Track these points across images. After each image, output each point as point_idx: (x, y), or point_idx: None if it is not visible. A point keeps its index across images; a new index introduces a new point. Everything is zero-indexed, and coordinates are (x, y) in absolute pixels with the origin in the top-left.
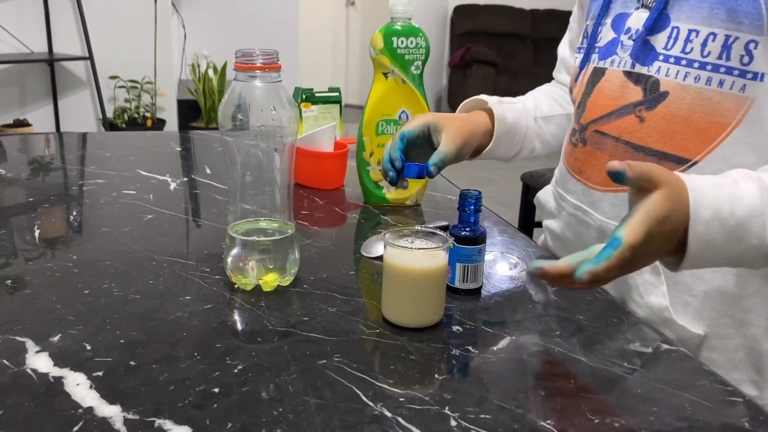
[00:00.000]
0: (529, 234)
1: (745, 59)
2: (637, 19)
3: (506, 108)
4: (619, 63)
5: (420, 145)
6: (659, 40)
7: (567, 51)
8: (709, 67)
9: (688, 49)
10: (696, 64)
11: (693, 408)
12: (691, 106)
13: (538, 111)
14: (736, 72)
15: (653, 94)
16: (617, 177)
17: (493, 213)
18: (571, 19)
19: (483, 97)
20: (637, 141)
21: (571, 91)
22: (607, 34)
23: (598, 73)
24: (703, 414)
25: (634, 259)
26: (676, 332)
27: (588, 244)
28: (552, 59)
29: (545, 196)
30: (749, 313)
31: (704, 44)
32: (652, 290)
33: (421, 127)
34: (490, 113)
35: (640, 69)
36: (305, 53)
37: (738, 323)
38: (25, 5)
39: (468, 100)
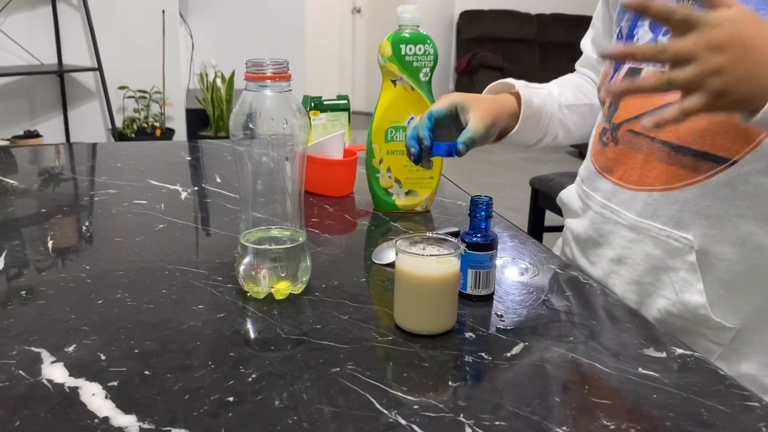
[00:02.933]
0: (539, 239)
1: None
2: None
3: (533, 92)
4: (656, 63)
5: (446, 126)
6: None
7: (589, 47)
8: None
9: None
10: None
11: (709, 413)
12: None
13: (563, 98)
14: None
15: None
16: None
17: (503, 218)
18: (594, 15)
19: (510, 80)
20: (674, 140)
21: (599, 90)
22: (644, 36)
23: (634, 73)
24: (720, 419)
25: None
26: (710, 327)
27: (613, 244)
28: (558, 63)
29: (568, 195)
30: None
31: None
32: (687, 288)
33: (449, 107)
34: (516, 96)
35: None
36: (312, 61)
37: None
38: (35, 18)
39: (495, 83)
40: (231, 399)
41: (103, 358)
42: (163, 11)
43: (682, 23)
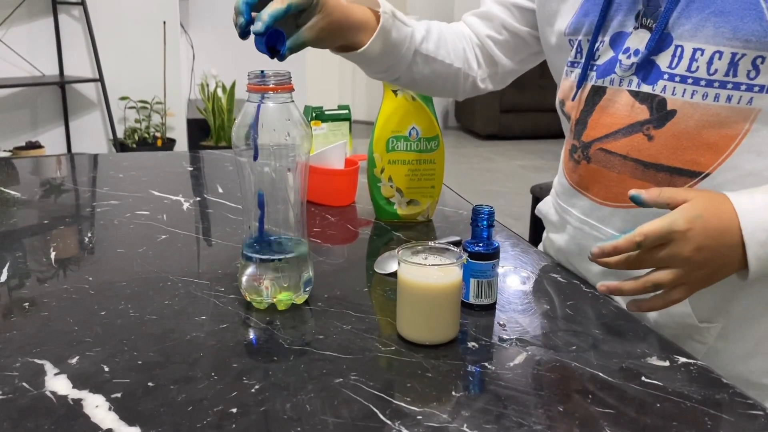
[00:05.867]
0: None
1: (752, 74)
2: (637, 38)
3: (396, 25)
4: (620, 82)
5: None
6: (662, 60)
7: (494, 4)
8: (716, 84)
9: (693, 68)
10: (703, 82)
11: (713, 422)
12: (699, 123)
13: (423, 46)
14: (743, 87)
15: (660, 112)
16: (635, 201)
17: (504, 227)
18: None
19: None
20: (646, 158)
21: (563, 103)
22: (605, 53)
23: (598, 91)
24: (724, 428)
25: (662, 247)
26: (695, 329)
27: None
28: None
29: (546, 207)
30: None
31: (710, 62)
32: None
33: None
34: (377, 15)
35: (644, 88)
36: (312, 70)
37: (759, 315)
38: (37, 29)
39: None
40: (234, 410)
41: (106, 369)
42: (164, 22)
43: (656, 242)
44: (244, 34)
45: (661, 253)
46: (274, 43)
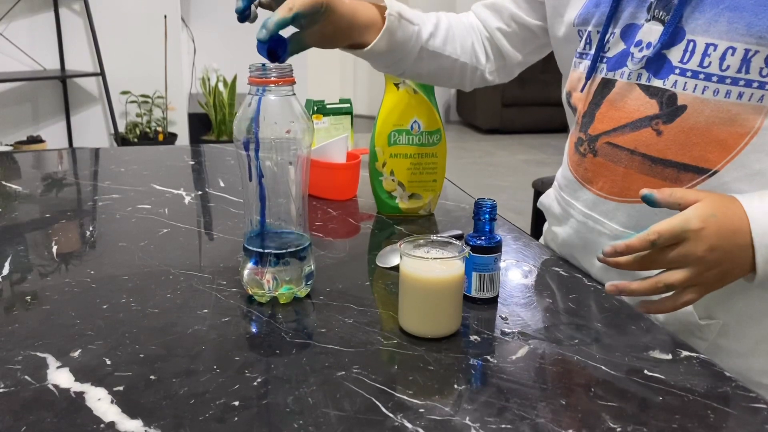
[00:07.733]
0: None
1: (765, 71)
2: (649, 31)
3: (402, 25)
4: (630, 75)
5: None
6: (674, 54)
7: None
8: (728, 81)
9: (705, 63)
10: (714, 78)
11: (716, 415)
12: (709, 119)
13: (430, 42)
14: (755, 84)
15: (671, 107)
16: (647, 200)
17: (506, 221)
18: None
19: None
20: (655, 154)
21: (570, 95)
22: (616, 45)
23: (608, 84)
24: (727, 421)
25: (673, 247)
26: (696, 326)
27: (598, 252)
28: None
29: (548, 200)
30: None
31: (723, 58)
32: None
33: (314, 7)
34: (383, 10)
35: (655, 82)
36: (314, 64)
37: (760, 314)
38: (38, 23)
39: None
40: (236, 403)
41: (108, 362)
42: (165, 16)
43: (670, 240)
44: (243, 18)
45: (673, 253)
46: (275, 47)
